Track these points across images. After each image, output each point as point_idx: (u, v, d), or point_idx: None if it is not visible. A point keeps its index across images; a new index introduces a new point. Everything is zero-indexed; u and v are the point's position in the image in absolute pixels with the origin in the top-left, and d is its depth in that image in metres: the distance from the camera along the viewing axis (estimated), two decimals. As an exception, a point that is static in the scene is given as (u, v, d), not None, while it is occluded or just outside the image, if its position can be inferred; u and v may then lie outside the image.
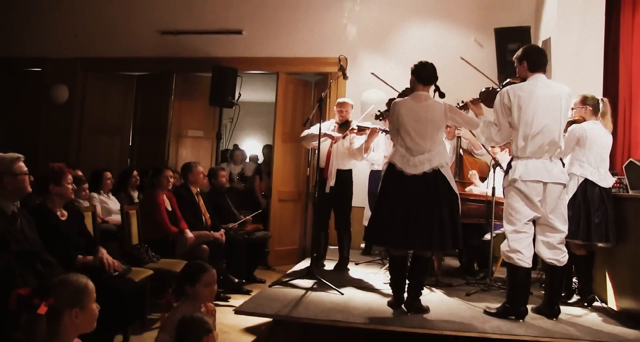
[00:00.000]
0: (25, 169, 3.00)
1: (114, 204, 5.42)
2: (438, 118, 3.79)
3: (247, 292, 4.99)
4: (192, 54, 7.12)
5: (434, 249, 3.84)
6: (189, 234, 4.80)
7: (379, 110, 5.07)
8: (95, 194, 5.31)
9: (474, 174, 5.19)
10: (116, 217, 5.11)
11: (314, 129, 5.23)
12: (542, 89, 3.64)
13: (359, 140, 5.24)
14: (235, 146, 9.58)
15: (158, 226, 4.75)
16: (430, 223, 3.66)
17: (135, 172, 5.89)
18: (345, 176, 5.30)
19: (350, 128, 5.18)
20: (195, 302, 2.74)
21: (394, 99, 4.13)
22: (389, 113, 3.97)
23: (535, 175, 3.60)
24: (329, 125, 5.39)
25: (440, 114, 3.80)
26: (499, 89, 3.85)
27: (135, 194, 5.76)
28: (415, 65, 3.90)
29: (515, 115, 3.64)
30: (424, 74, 3.86)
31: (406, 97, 3.95)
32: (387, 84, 5.26)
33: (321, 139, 5.01)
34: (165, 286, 4.18)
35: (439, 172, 3.73)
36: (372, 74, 5.39)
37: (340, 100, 5.46)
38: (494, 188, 4.54)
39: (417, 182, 3.71)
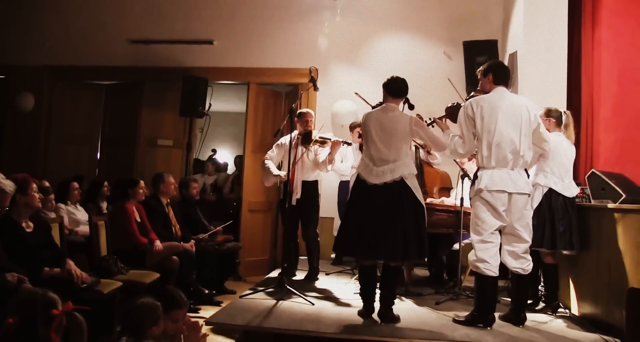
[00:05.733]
0: None
1: (82, 215, 5.35)
2: (402, 129, 3.87)
3: (218, 304, 4.96)
4: (162, 63, 7.09)
5: (397, 259, 3.88)
6: (159, 244, 4.77)
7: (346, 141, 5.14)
8: (62, 205, 5.24)
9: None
10: (84, 229, 5.05)
11: (273, 150, 5.32)
12: (503, 101, 3.76)
13: (323, 153, 5.27)
14: (210, 156, 9.61)
15: (127, 237, 4.70)
16: (394, 233, 3.71)
17: (106, 183, 5.83)
18: (311, 187, 5.34)
19: (313, 140, 5.22)
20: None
21: None
22: (362, 124, 4.05)
23: (501, 185, 3.70)
24: (290, 138, 5.42)
25: (404, 125, 3.87)
26: (463, 104, 3.97)
27: (104, 205, 5.70)
28: (387, 80, 4.00)
29: (479, 125, 3.75)
30: (394, 87, 3.96)
31: (376, 109, 4.06)
32: (368, 103, 5.34)
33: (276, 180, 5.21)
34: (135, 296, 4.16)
35: (403, 183, 3.79)
36: (356, 94, 5.45)
37: (302, 110, 5.49)
38: (462, 198, 4.63)
39: (379, 192, 3.78)
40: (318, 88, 5.32)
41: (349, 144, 5.09)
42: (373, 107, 4.28)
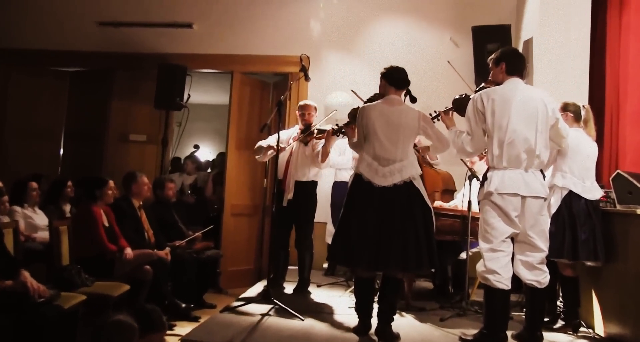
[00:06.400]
0: None
1: (40, 219, 5.28)
2: (411, 124, 3.87)
3: (196, 319, 4.93)
4: (135, 49, 7.05)
5: (410, 270, 3.88)
6: (129, 252, 4.74)
7: (337, 124, 5.06)
8: (17, 208, 5.16)
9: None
10: (43, 234, 5.00)
11: (270, 139, 5.26)
12: (517, 94, 3.70)
13: (320, 146, 5.26)
14: (191, 153, 9.54)
15: (94, 244, 4.66)
16: (405, 240, 3.68)
17: (69, 183, 5.75)
18: (306, 189, 5.30)
19: (309, 132, 5.18)
20: None
21: (357, 108, 4.14)
22: (357, 119, 4.01)
23: (512, 187, 3.63)
24: (291, 133, 5.38)
25: (413, 120, 3.87)
26: (472, 96, 3.90)
27: (67, 208, 5.63)
28: (386, 69, 3.99)
29: (489, 120, 3.69)
30: (396, 77, 3.95)
31: (377, 101, 4.01)
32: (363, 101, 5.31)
33: (269, 152, 5.11)
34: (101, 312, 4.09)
35: (411, 185, 3.78)
36: (352, 91, 5.42)
37: (301, 103, 5.51)
38: (469, 202, 4.59)
39: (387, 195, 3.74)
40: (310, 78, 5.31)
41: (344, 134, 5.02)
42: (367, 101, 4.23)
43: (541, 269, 3.74)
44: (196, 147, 10.13)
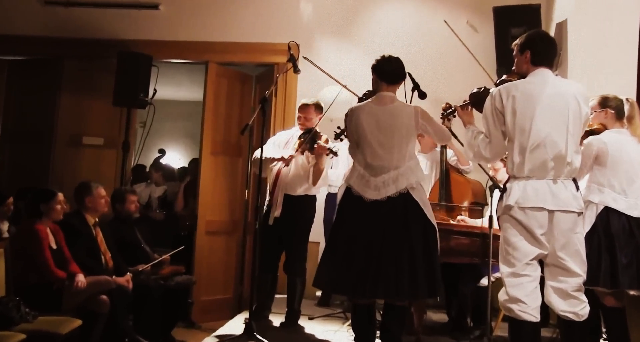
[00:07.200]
0: None
1: (-30, 240, 5.28)
2: (407, 124, 3.91)
3: (162, 360, 4.95)
4: (90, 33, 7.06)
5: (403, 298, 3.87)
6: (82, 279, 4.71)
7: (338, 127, 5.05)
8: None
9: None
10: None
11: (267, 147, 5.25)
12: (544, 88, 3.67)
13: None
14: (156, 160, 9.53)
15: (38, 270, 4.66)
16: (399, 263, 3.72)
17: (10, 200, 5.74)
18: (297, 204, 5.31)
19: (301, 143, 5.17)
20: None
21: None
22: (346, 122, 4.06)
23: (537, 200, 3.61)
24: (290, 136, 5.39)
25: (409, 119, 3.91)
26: (491, 91, 3.90)
27: (5, 226, 5.61)
28: (377, 61, 4.05)
29: (509, 122, 3.66)
30: (388, 70, 4.02)
31: (366, 101, 4.07)
32: (328, 74, 5.38)
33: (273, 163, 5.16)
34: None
35: (408, 196, 3.81)
36: (305, 58, 5.49)
37: (303, 101, 5.52)
38: (491, 217, 4.59)
39: (380, 210, 3.79)
40: (299, 70, 5.35)
41: (335, 154, 5.05)
42: (360, 99, 4.26)
43: (578, 298, 3.68)
44: (161, 152, 10.04)
